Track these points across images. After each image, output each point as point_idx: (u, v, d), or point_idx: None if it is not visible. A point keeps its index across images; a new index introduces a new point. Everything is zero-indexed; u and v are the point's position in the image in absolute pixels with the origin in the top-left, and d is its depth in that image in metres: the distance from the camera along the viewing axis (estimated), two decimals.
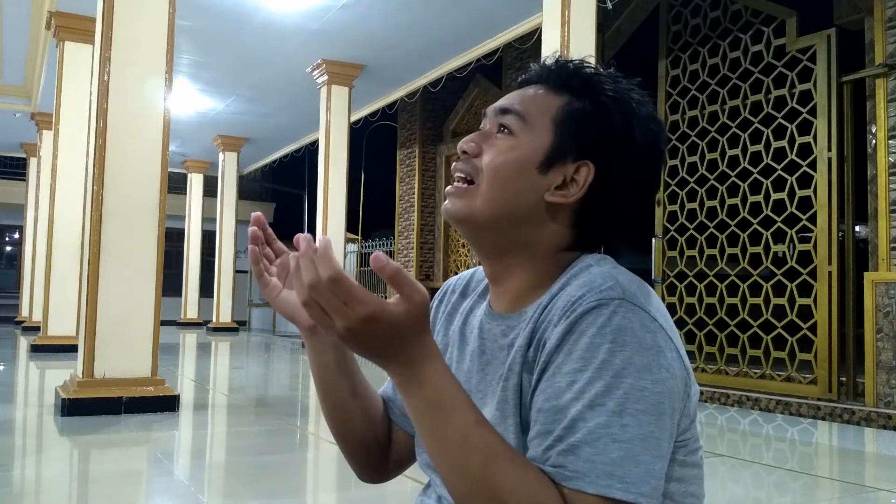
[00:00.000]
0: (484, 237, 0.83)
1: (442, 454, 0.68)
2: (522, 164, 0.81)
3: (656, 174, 0.85)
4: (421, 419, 0.69)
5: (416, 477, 2.89)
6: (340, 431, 0.94)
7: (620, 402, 0.67)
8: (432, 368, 0.68)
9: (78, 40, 7.29)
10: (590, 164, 0.80)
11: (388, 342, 0.66)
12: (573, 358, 0.69)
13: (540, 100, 0.83)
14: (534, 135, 0.81)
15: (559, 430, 0.68)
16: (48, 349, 7.66)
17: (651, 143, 0.82)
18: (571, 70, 0.84)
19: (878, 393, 4.86)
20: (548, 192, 0.80)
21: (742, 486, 3.28)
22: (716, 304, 6.07)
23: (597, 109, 0.81)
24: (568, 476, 0.66)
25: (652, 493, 0.66)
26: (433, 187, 10.60)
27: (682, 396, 0.73)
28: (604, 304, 0.71)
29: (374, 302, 0.64)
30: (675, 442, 0.74)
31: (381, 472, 0.99)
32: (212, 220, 14.31)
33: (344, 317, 0.64)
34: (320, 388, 0.92)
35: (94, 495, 3.05)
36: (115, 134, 4.60)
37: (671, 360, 0.71)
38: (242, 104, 10.98)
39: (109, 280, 4.52)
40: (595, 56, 5.30)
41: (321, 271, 0.63)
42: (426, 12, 7.23)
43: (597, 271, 0.76)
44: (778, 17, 5.78)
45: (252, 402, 5.63)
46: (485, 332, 0.85)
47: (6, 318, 14.93)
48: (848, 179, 5.32)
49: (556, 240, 0.82)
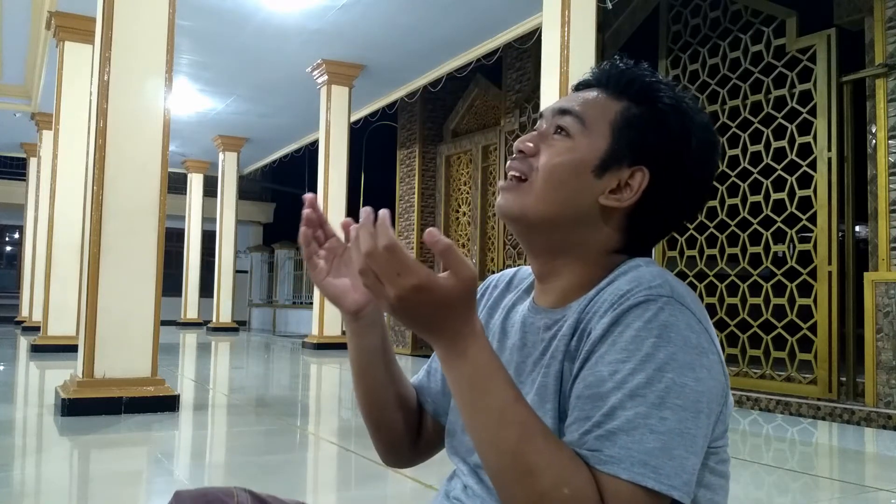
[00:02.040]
0: (535, 236, 0.85)
1: (479, 426, 0.70)
2: (578, 166, 0.82)
3: (709, 183, 0.86)
4: (461, 391, 0.70)
5: (417, 478, 2.91)
6: (373, 416, 0.96)
7: (661, 395, 0.68)
8: (476, 344, 0.70)
9: (78, 40, 7.30)
10: (645, 169, 0.82)
11: (435, 313, 0.68)
12: (617, 349, 0.71)
13: (599, 103, 0.84)
14: (591, 138, 0.83)
15: (598, 416, 0.69)
16: (48, 349, 7.66)
17: (706, 152, 0.84)
18: (631, 76, 0.85)
19: (878, 393, 4.86)
20: (602, 196, 0.82)
21: (742, 486, 3.28)
22: (716, 304, 6.08)
23: (655, 116, 0.83)
24: (603, 460, 0.67)
25: (683, 487, 0.67)
26: (433, 187, 10.60)
27: (719, 400, 0.74)
28: (652, 300, 0.72)
29: (425, 273, 0.67)
30: (709, 448, 0.75)
31: (408, 458, 1.01)
32: (212, 220, 14.31)
33: (396, 285, 0.66)
34: (357, 373, 0.94)
35: (94, 495, 3.05)
36: (115, 134, 4.60)
37: (713, 362, 0.73)
38: (242, 104, 10.98)
39: (109, 280, 4.52)
40: (595, 56, 5.31)
41: (379, 240, 0.66)
42: (426, 12, 7.23)
43: (646, 270, 0.78)
44: (778, 17, 5.78)
45: (252, 402, 5.63)
46: (527, 325, 0.87)
47: (6, 318, 14.94)
48: (848, 179, 5.32)
49: (607, 242, 0.83)
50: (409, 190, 10.78)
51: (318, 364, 8.57)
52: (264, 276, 17.99)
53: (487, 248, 9.35)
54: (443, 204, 10.35)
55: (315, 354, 9.16)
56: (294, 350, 10.59)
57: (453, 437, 0.91)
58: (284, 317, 15.47)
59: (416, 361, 8.61)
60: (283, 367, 8.72)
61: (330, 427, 4.81)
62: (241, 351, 10.84)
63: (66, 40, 7.37)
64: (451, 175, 10.37)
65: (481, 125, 9.71)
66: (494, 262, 9.08)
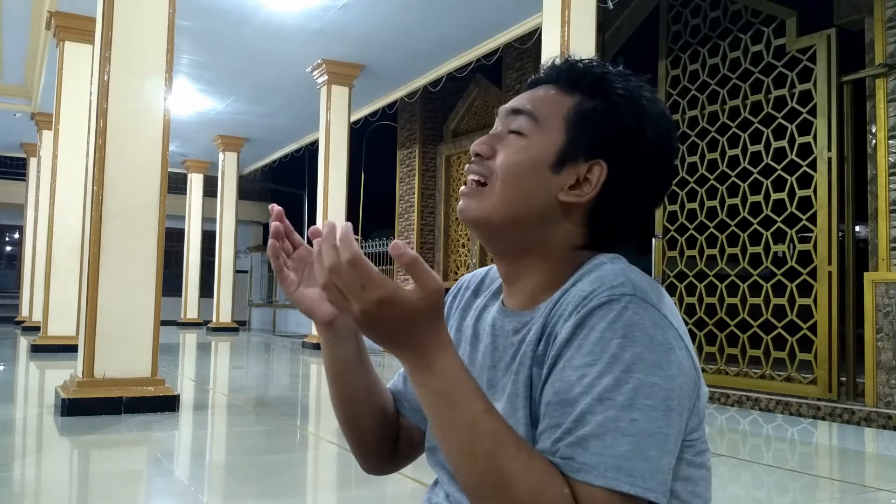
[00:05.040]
0: (499, 237, 0.84)
1: (451, 439, 0.69)
2: (535, 164, 0.81)
3: (668, 171, 0.85)
4: (431, 405, 0.70)
5: (417, 477, 2.91)
6: (351, 424, 0.95)
7: (630, 396, 0.67)
8: (444, 356, 0.69)
9: (78, 40, 7.30)
10: (602, 163, 0.81)
11: (402, 327, 0.67)
12: (583, 352, 0.70)
13: (551, 99, 0.84)
14: (545, 135, 0.82)
15: (568, 422, 0.68)
16: (48, 349, 7.66)
17: (662, 141, 0.83)
18: (582, 69, 0.84)
19: (878, 393, 4.86)
20: (562, 192, 0.81)
21: (742, 486, 3.28)
22: (716, 304, 6.08)
23: (608, 108, 0.82)
24: (576, 468, 0.66)
25: (659, 488, 0.67)
26: (433, 187, 10.60)
27: (691, 395, 0.73)
28: (615, 300, 0.71)
29: (390, 286, 0.66)
30: (684, 441, 0.74)
31: (387, 464, 1.00)
32: (212, 220, 14.31)
33: (360, 299, 0.66)
34: (333, 382, 0.93)
35: (94, 495, 3.05)
36: (115, 134, 4.60)
37: (681, 357, 0.71)
38: (242, 104, 10.98)
39: (109, 280, 4.52)
40: (595, 56, 5.31)
41: (342, 255, 0.66)
42: (426, 12, 7.23)
43: (609, 268, 0.77)
44: (778, 17, 5.78)
45: (252, 402, 5.63)
46: (497, 329, 0.86)
47: (6, 318, 14.94)
48: (848, 179, 5.32)
49: (571, 239, 0.82)
50: (409, 190, 10.78)
51: (318, 364, 8.57)
52: (264, 276, 17.99)
53: None
54: (443, 204, 10.35)
55: (315, 354, 9.16)
56: (294, 350, 10.59)
57: (433, 443, 0.90)
58: (284, 317, 15.47)
59: None
60: (282, 367, 8.72)
61: (330, 427, 4.80)
62: (240, 351, 10.83)
63: (66, 40, 7.37)
64: (451, 175, 10.37)
65: (481, 125, 9.71)
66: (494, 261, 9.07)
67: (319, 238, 0.69)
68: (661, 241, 6.47)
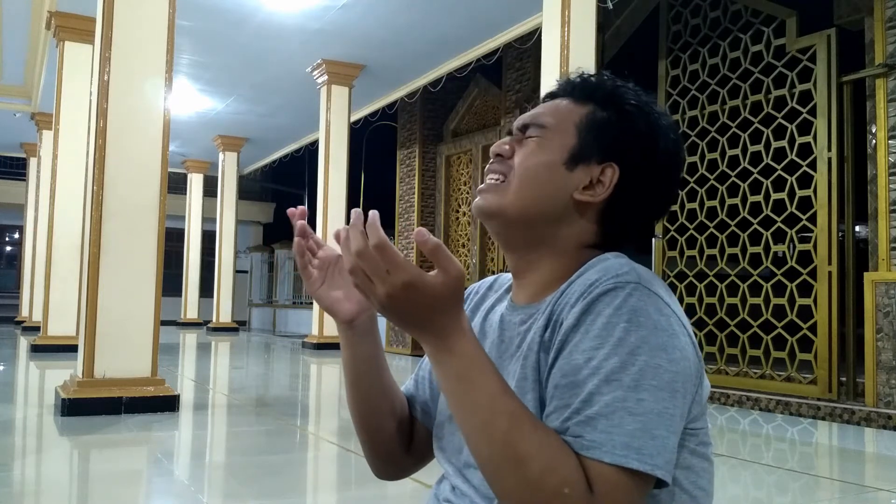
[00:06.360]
0: (513, 231, 0.88)
1: (469, 419, 0.71)
2: (551, 162, 0.86)
3: (676, 181, 0.91)
4: (450, 386, 0.72)
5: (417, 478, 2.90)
6: (367, 425, 0.97)
7: (636, 377, 0.69)
8: (463, 339, 0.72)
9: (78, 40, 7.30)
10: (615, 166, 0.86)
11: (424, 310, 0.70)
12: (590, 336, 0.73)
13: (565, 108, 0.89)
14: (560, 137, 0.87)
15: (577, 402, 0.70)
16: (48, 349, 7.66)
17: (673, 152, 0.88)
18: (595, 83, 0.90)
19: (878, 393, 4.86)
20: (576, 192, 0.85)
21: (742, 486, 3.28)
22: (716, 304, 6.08)
23: (621, 118, 0.87)
24: (585, 445, 0.68)
25: (665, 466, 0.69)
26: (433, 187, 10.59)
27: (694, 381, 0.76)
28: (620, 287, 0.74)
29: (415, 271, 0.69)
30: (688, 429, 0.76)
31: (399, 468, 1.02)
32: (212, 220, 14.32)
33: (386, 283, 0.69)
34: (351, 381, 0.96)
35: (94, 495, 3.05)
36: (115, 134, 4.60)
37: (685, 343, 0.74)
38: (242, 104, 10.98)
39: (109, 280, 4.52)
40: (595, 56, 5.31)
41: (370, 239, 0.69)
42: (426, 12, 7.23)
43: (614, 261, 0.81)
44: (778, 17, 5.77)
45: (252, 402, 5.63)
46: (505, 323, 0.90)
47: (6, 318, 14.94)
48: (848, 179, 5.32)
49: (583, 236, 0.87)
50: (409, 190, 10.78)
51: (318, 364, 8.57)
52: (264, 276, 17.99)
53: (487, 247, 9.35)
54: (443, 204, 10.35)
55: (315, 354, 9.16)
56: (294, 350, 10.59)
57: (440, 438, 0.93)
58: (284, 317, 15.48)
59: (416, 361, 8.60)
60: (282, 368, 8.72)
61: (330, 427, 4.80)
62: (241, 351, 10.84)
63: (66, 40, 7.37)
64: (451, 175, 10.37)
65: (481, 125, 9.71)
66: (494, 261, 9.08)
67: (345, 227, 0.73)
68: (661, 241, 6.47)
